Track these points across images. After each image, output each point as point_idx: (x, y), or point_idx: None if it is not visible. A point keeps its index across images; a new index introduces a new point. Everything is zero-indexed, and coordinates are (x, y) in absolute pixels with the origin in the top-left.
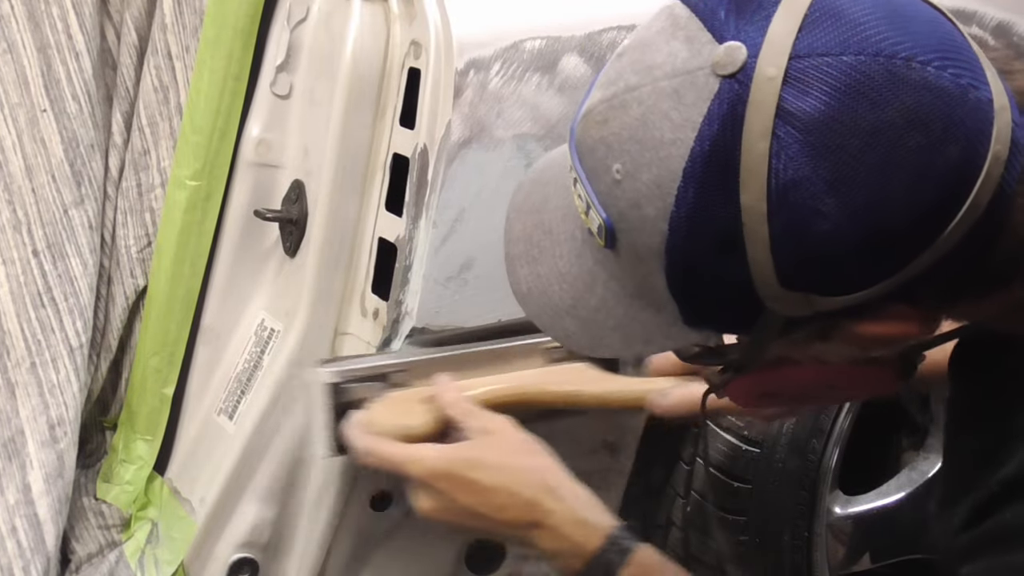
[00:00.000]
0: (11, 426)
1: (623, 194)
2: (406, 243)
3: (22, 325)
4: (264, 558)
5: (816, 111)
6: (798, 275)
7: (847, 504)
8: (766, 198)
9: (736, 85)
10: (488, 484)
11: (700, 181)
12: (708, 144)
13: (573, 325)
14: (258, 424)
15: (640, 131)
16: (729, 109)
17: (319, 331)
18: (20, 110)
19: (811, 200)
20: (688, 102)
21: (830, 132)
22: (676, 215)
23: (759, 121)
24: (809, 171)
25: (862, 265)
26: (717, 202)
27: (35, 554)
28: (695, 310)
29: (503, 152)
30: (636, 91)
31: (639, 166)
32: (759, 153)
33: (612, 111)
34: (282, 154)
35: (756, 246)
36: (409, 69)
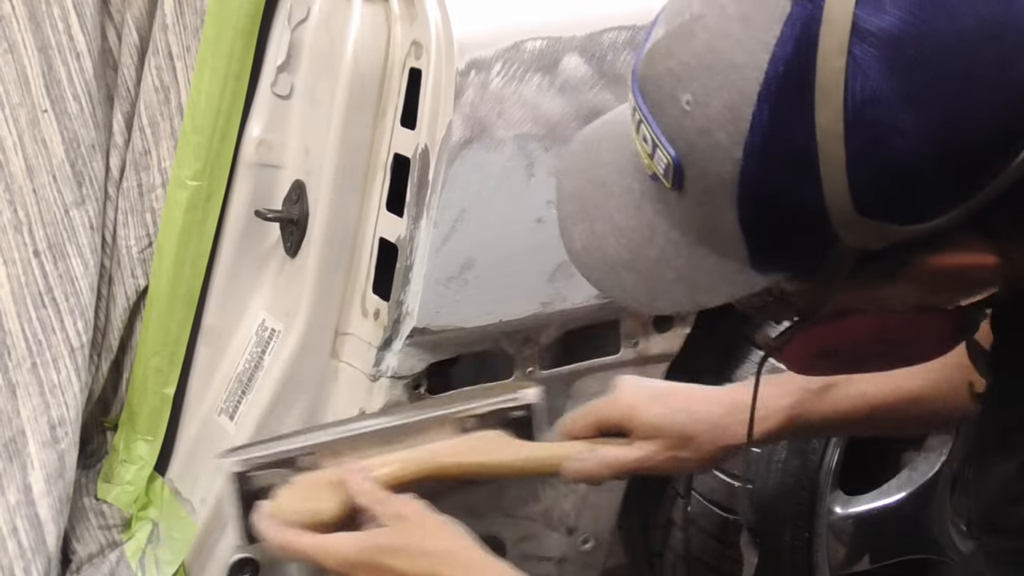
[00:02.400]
0: (12, 426)
1: (693, 124)
2: (407, 243)
3: (23, 325)
4: (264, 558)
5: (891, 26)
6: (874, 199)
7: (847, 504)
8: (843, 118)
9: (809, 5)
10: (403, 570)
11: (775, 103)
12: (782, 66)
13: (631, 279)
14: (259, 424)
15: (709, 57)
16: (803, 30)
17: (320, 331)
18: (21, 110)
19: (889, 117)
20: (759, 25)
21: (906, 47)
22: (751, 140)
23: (834, 40)
24: (886, 87)
25: (938, 186)
26: (793, 124)
27: (36, 554)
28: (765, 247)
29: (504, 152)
30: (702, 19)
31: (709, 92)
32: (835, 72)
33: (677, 41)
34: (283, 154)
35: (832, 169)
36: (410, 69)
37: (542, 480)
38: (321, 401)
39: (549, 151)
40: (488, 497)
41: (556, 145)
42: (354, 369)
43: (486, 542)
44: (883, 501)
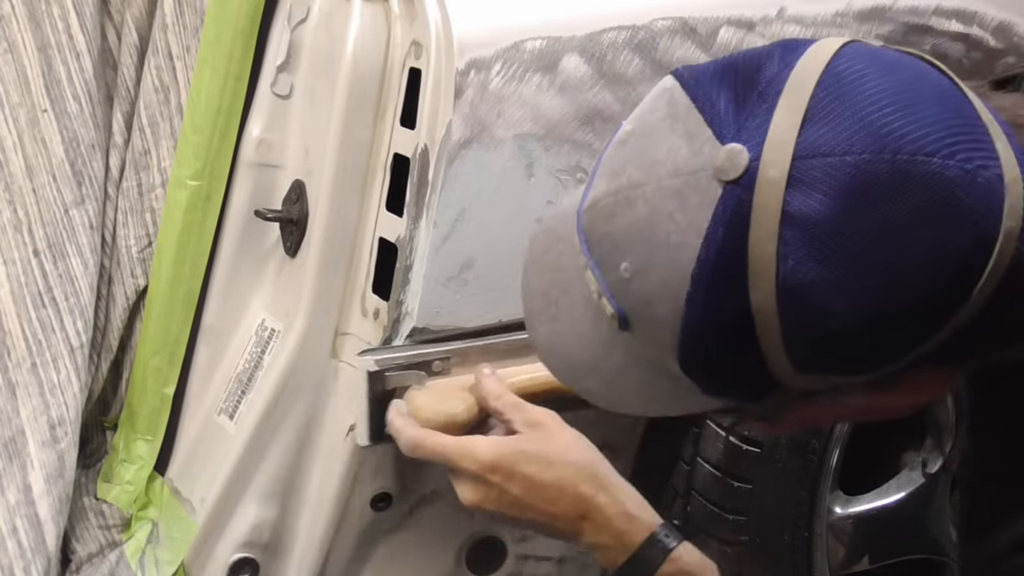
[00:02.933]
0: (12, 426)
1: (634, 291)
2: (407, 243)
3: (23, 325)
4: (264, 558)
5: (820, 214)
6: (812, 363)
7: (847, 504)
8: (775, 298)
9: (739, 190)
10: (540, 478)
11: (709, 285)
12: (715, 250)
13: (595, 384)
14: (259, 424)
15: (647, 232)
16: (734, 214)
17: (319, 331)
18: (21, 110)
19: (820, 301)
20: (692, 205)
21: (836, 234)
22: (688, 316)
23: (764, 225)
24: (816, 273)
25: (874, 351)
26: (727, 303)
27: (36, 554)
28: (712, 387)
29: (504, 152)
30: (641, 188)
31: (648, 267)
32: (766, 256)
33: (618, 206)
34: (283, 154)
35: (769, 341)
36: (410, 69)
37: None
38: (321, 401)
39: (549, 151)
40: None
41: (556, 145)
42: (354, 369)
43: (486, 542)
44: (883, 501)
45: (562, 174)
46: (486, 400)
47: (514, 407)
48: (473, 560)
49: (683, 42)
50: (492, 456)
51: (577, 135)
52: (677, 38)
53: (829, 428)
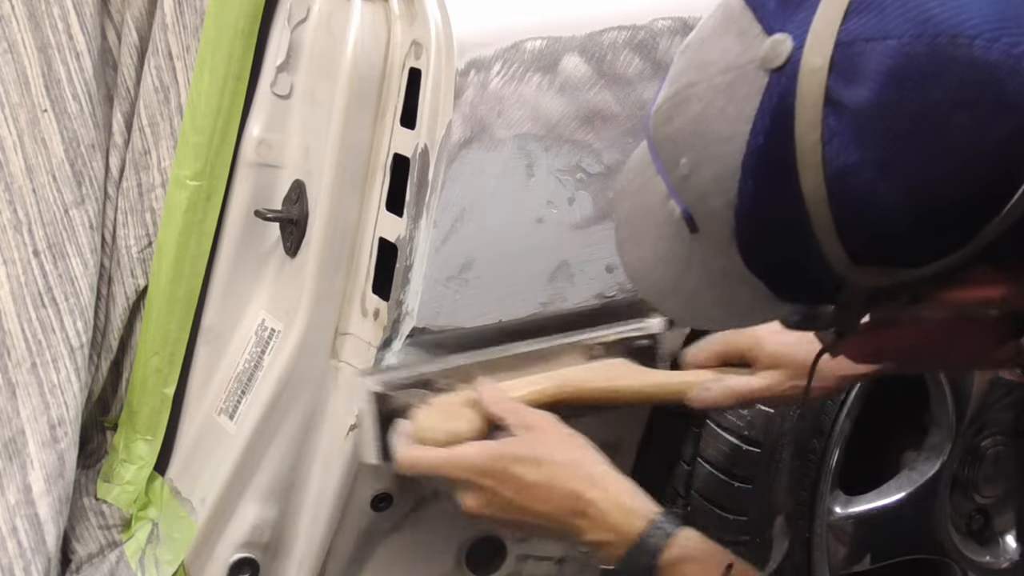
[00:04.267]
0: (12, 426)
1: (692, 187)
2: (407, 243)
3: (23, 325)
4: (264, 558)
5: (862, 98)
6: (867, 253)
7: (847, 504)
8: (824, 185)
9: (784, 79)
10: (530, 478)
11: (759, 174)
12: (763, 138)
13: (678, 303)
14: (259, 424)
15: (700, 127)
16: (779, 102)
17: (319, 331)
18: (21, 110)
19: (866, 184)
20: (741, 97)
21: (877, 117)
22: (740, 206)
23: (809, 112)
24: (859, 157)
25: (927, 240)
26: (778, 192)
27: (36, 554)
28: (780, 287)
29: (504, 152)
30: (694, 88)
31: (702, 161)
32: (812, 143)
33: (675, 108)
34: (283, 154)
35: (822, 229)
36: (410, 69)
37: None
38: (321, 401)
39: (549, 151)
40: None
41: (556, 145)
42: (354, 369)
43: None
44: (883, 501)
45: (562, 174)
46: (486, 406)
47: (511, 411)
48: (473, 560)
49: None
50: (480, 461)
51: (577, 135)
52: (677, 38)
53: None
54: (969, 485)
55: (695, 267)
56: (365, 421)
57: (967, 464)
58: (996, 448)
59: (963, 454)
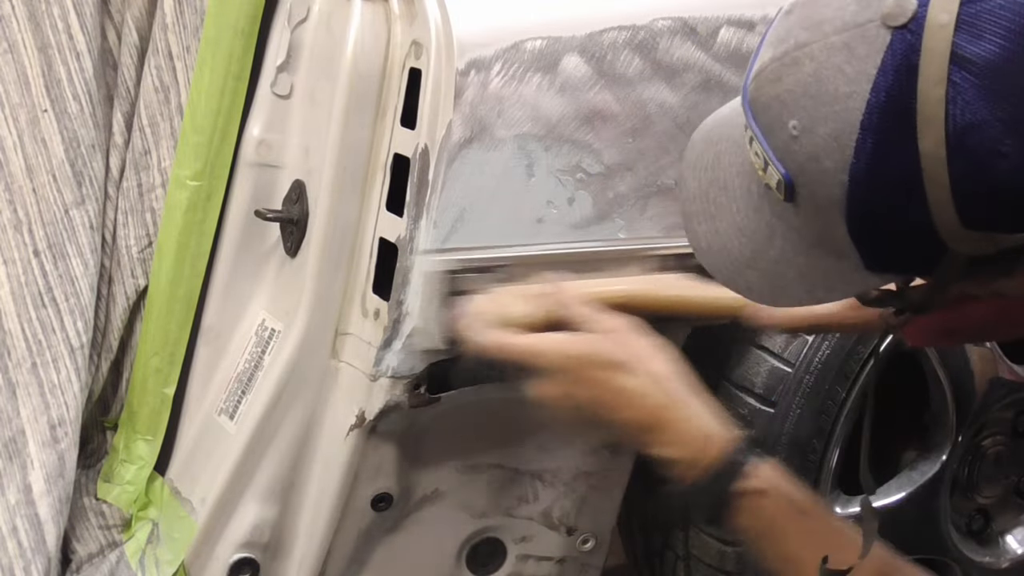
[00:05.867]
0: (12, 426)
1: (801, 149)
2: (407, 243)
3: (23, 325)
4: (264, 558)
5: (990, 54)
6: (980, 215)
7: (847, 504)
8: (945, 143)
9: (908, 35)
10: (613, 383)
11: (878, 131)
12: (884, 95)
13: (754, 277)
14: (259, 424)
15: (814, 86)
16: (903, 59)
17: (320, 331)
18: (21, 110)
19: (990, 142)
20: (860, 55)
21: (1005, 74)
22: (856, 166)
23: (934, 69)
24: (986, 113)
25: None
26: (896, 150)
27: (36, 554)
28: (877, 256)
29: (504, 152)
30: (807, 47)
31: (815, 121)
32: (935, 100)
33: (784, 68)
34: (283, 154)
35: (937, 190)
36: (410, 69)
37: (542, 480)
38: (321, 401)
39: (549, 151)
40: (489, 497)
41: (556, 145)
42: (354, 369)
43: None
44: (883, 501)
45: (562, 174)
46: (555, 309)
47: (586, 315)
48: (473, 560)
49: (683, 42)
50: (571, 353)
51: (577, 135)
52: (677, 38)
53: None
54: (969, 485)
55: (778, 239)
56: (430, 302)
57: (967, 464)
58: (996, 448)
59: (963, 454)
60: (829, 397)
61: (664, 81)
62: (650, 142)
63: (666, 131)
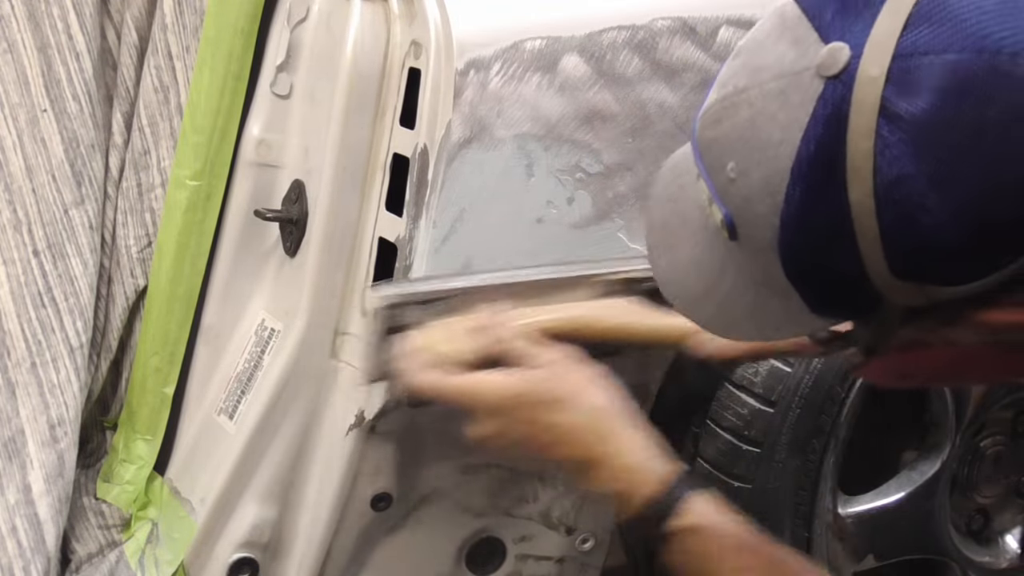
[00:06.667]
0: (11, 426)
1: (737, 191)
2: (406, 243)
3: (22, 325)
4: (264, 558)
5: (918, 110)
6: (909, 267)
7: (847, 504)
8: (873, 195)
9: (839, 86)
10: (553, 419)
11: (807, 180)
12: (814, 144)
13: (709, 310)
14: (258, 424)
15: (749, 132)
16: (833, 110)
17: (319, 331)
18: (20, 110)
19: (916, 196)
20: (794, 103)
21: (932, 131)
22: (786, 212)
23: (863, 121)
24: (912, 168)
25: (973, 257)
26: (825, 199)
27: (35, 554)
28: (816, 300)
29: (503, 152)
30: (745, 92)
31: (749, 165)
32: (864, 152)
33: (724, 111)
34: (282, 154)
35: (866, 240)
36: (409, 69)
37: (541, 480)
38: (321, 401)
39: (549, 151)
40: (488, 497)
41: (556, 145)
42: (354, 369)
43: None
44: (883, 501)
45: (562, 174)
46: (494, 344)
47: (528, 346)
48: (473, 560)
49: (683, 42)
50: (503, 393)
51: (577, 135)
52: (677, 38)
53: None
54: (969, 485)
55: (729, 275)
56: (370, 336)
57: (967, 464)
58: (996, 448)
59: (963, 454)
60: (829, 397)
61: (664, 81)
62: (650, 142)
63: (666, 131)
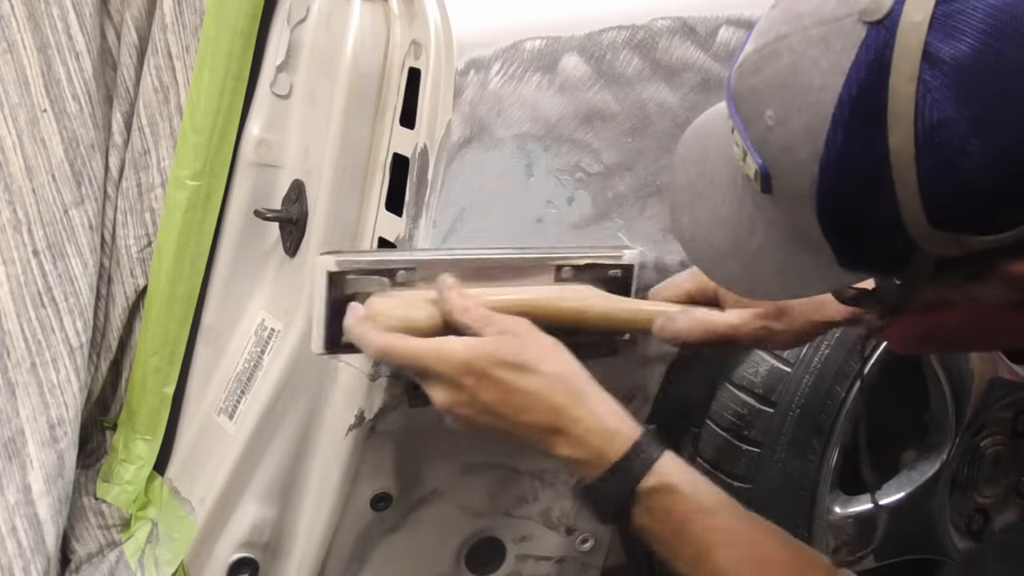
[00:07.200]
0: (11, 426)
1: (776, 139)
2: (406, 243)
3: (22, 325)
4: (264, 558)
5: (961, 54)
6: (946, 215)
7: (847, 504)
8: (913, 140)
9: (883, 31)
10: (515, 384)
11: (848, 125)
12: (856, 89)
13: (735, 268)
14: (258, 424)
15: (790, 78)
16: (876, 55)
17: None
18: (20, 110)
19: (956, 140)
20: (836, 49)
21: (975, 74)
22: (826, 158)
23: (906, 66)
24: (954, 112)
25: (1009, 204)
26: (866, 145)
27: (35, 554)
28: (849, 252)
29: (503, 152)
30: (786, 39)
31: (790, 112)
32: (906, 97)
33: (764, 60)
34: (282, 154)
35: (905, 187)
36: (409, 69)
37: (541, 480)
38: (320, 401)
39: (549, 150)
40: (488, 497)
41: (556, 144)
42: (353, 369)
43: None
44: (883, 501)
45: (562, 174)
46: (451, 314)
47: (483, 318)
48: (473, 560)
49: (683, 42)
50: (466, 357)
51: (577, 135)
52: (676, 38)
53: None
54: (969, 485)
55: (759, 231)
56: (316, 303)
57: (967, 464)
58: (996, 448)
59: (963, 454)
60: (829, 397)
61: (663, 81)
62: (649, 142)
63: (665, 131)
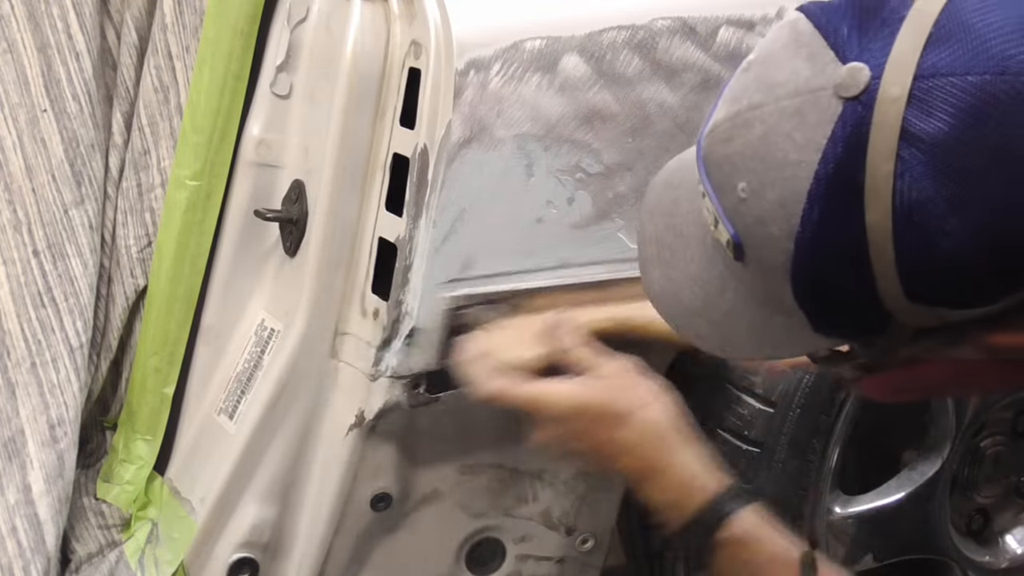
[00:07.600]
0: (11, 426)
1: (748, 211)
2: (406, 243)
3: (22, 325)
4: (264, 558)
5: (940, 132)
6: (924, 290)
7: (847, 504)
8: (891, 217)
9: (860, 107)
10: (614, 434)
11: (825, 202)
12: (833, 166)
13: (705, 327)
14: (258, 424)
15: (763, 150)
16: (853, 131)
17: (319, 331)
18: (20, 110)
19: (935, 220)
20: (811, 123)
21: (953, 153)
22: (802, 235)
23: (883, 142)
24: (932, 191)
25: (987, 281)
26: (843, 221)
27: (35, 554)
28: (823, 320)
29: (503, 152)
30: (759, 109)
31: (763, 185)
32: (884, 174)
33: (736, 129)
34: (282, 154)
35: (882, 263)
36: (409, 69)
37: (541, 480)
38: (321, 401)
39: (549, 151)
40: (488, 497)
41: (556, 145)
42: (353, 369)
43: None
44: (883, 501)
45: (562, 174)
46: (558, 353)
47: (588, 361)
48: (473, 560)
49: (683, 42)
50: (570, 404)
51: (577, 135)
52: (677, 38)
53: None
54: (969, 485)
55: (729, 292)
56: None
57: (967, 464)
58: (996, 448)
59: (963, 454)
60: (829, 397)
61: (663, 81)
62: (650, 142)
63: (666, 131)
